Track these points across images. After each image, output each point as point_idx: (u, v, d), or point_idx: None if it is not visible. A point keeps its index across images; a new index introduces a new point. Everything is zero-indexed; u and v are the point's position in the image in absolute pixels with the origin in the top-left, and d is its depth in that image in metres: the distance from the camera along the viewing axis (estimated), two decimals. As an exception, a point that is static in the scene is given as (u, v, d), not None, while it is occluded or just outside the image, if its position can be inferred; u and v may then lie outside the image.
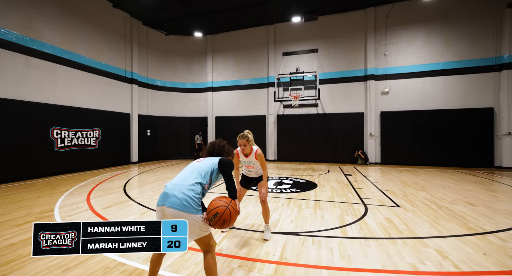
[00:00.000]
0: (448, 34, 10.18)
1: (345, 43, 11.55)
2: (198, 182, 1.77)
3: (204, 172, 1.85)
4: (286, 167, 10.24)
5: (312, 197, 5.09)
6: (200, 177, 1.80)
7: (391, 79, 10.91)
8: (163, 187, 5.66)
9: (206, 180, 1.83)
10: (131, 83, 11.30)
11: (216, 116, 13.59)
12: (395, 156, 10.74)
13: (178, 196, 1.66)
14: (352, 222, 3.56)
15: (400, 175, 7.96)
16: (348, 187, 6.14)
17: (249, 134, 3.00)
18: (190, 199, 1.67)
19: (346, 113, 11.50)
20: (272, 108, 12.57)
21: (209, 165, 1.92)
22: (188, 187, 1.71)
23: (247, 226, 3.45)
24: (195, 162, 1.98)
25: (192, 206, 1.66)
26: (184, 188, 1.70)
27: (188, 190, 1.70)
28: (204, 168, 1.88)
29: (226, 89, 13.53)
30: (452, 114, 10.04)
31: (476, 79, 9.88)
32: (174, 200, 1.65)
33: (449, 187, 6.01)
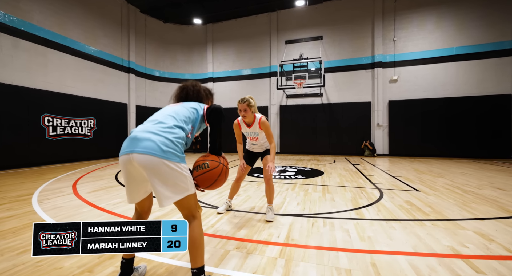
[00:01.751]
0: (461, 17, 9.60)
1: (351, 30, 11.02)
2: (180, 126, 1.33)
3: (185, 116, 1.40)
4: (290, 158, 9.78)
5: (319, 183, 4.62)
6: (181, 121, 1.35)
7: (400, 66, 10.36)
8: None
9: (188, 126, 1.39)
10: (128, 72, 10.90)
11: (217, 108, 13.13)
12: (404, 146, 10.21)
13: (152, 139, 1.21)
14: (368, 205, 3.09)
15: (411, 164, 7.45)
16: (358, 174, 5.66)
17: (251, 99, 2.50)
18: (171, 143, 1.23)
19: (352, 103, 10.98)
20: (274, 98, 12.09)
21: (190, 109, 1.45)
22: (166, 129, 1.26)
23: (247, 208, 3.00)
24: (170, 105, 1.51)
25: (174, 151, 1.23)
26: (160, 130, 1.25)
27: (167, 133, 1.25)
28: (185, 111, 1.42)
29: (227, 80, 13.08)
30: (466, 102, 9.47)
31: (492, 65, 9.29)
32: (148, 144, 1.19)
33: (469, 174, 5.50)
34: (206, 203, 3.24)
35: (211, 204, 3.18)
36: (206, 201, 3.34)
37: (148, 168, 1.18)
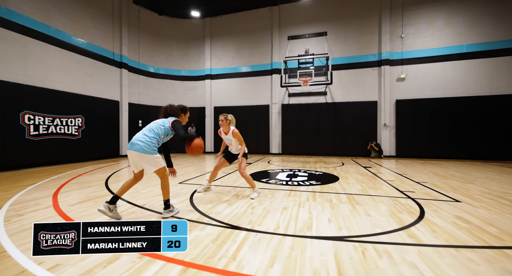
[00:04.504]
0: (472, 13, 9.25)
1: (357, 25, 10.55)
2: (153, 136, 2.58)
3: (156, 130, 2.62)
4: (294, 160, 9.23)
5: (340, 190, 4.07)
6: (154, 133, 2.60)
7: (408, 64, 9.95)
8: (154, 179, 4.88)
9: (158, 136, 2.61)
10: (120, 67, 10.12)
11: (215, 107, 12.50)
12: (412, 148, 9.81)
13: (140, 144, 2.50)
14: (414, 222, 2.55)
15: (426, 167, 7.01)
16: (376, 179, 5.15)
17: (229, 116, 3.59)
18: (147, 145, 2.51)
19: (357, 102, 10.52)
20: (276, 97, 11.52)
21: (159, 126, 2.66)
22: (146, 138, 2.54)
23: (268, 228, 2.41)
24: (152, 122, 2.72)
25: (149, 149, 2.50)
26: (143, 139, 2.53)
27: (147, 140, 2.53)
28: (156, 127, 2.65)
29: (225, 77, 12.43)
30: (476, 102, 9.13)
31: (504, 63, 8.97)
32: (137, 147, 2.49)
33: (496, 179, 5.07)
34: (213, 217, 2.63)
35: (226, 222, 2.57)
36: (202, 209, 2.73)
37: (139, 157, 2.51)
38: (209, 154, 12.16)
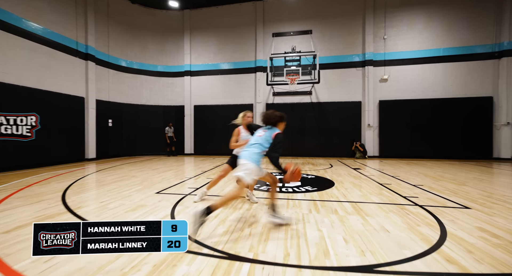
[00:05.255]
0: (449, 18, 9.61)
1: (341, 24, 10.47)
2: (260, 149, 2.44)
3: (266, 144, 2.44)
4: (281, 162, 8.82)
5: (341, 197, 3.69)
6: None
7: (390, 65, 10.08)
8: (126, 188, 4.27)
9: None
10: (86, 59, 8.93)
11: (195, 105, 11.69)
12: (395, 148, 9.95)
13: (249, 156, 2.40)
14: (441, 239, 2.20)
15: (413, 168, 7.01)
16: (372, 182, 4.89)
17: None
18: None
19: (342, 102, 10.44)
20: (260, 96, 11.06)
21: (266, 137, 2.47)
22: (254, 150, 2.44)
23: (276, 257, 1.89)
24: (257, 133, 2.59)
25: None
26: (251, 152, 2.42)
27: (254, 152, 2.42)
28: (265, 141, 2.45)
29: (206, 74, 11.68)
30: (452, 104, 9.49)
31: (476, 67, 9.43)
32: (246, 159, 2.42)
33: (485, 180, 5.09)
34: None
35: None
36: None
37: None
38: (188, 156, 11.33)
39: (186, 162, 8.74)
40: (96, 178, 5.55)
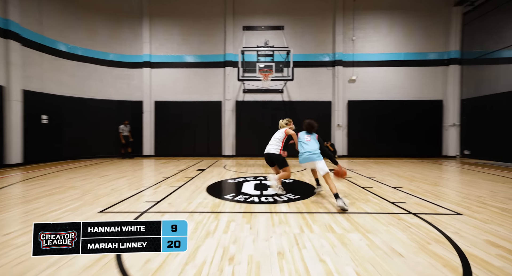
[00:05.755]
0: (409, 25, 10.20)
1: (313, 22, 10.35)
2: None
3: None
4: (252, 163, 8.30)
5: (331, 208, 3.27)
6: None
7: (358, 66, 10.32)
8: (56, 207, 3.23)
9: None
10: (6, 37, 7.06)
11: (156, 101, 10.40)
12: (362, 147, 10.23)
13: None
14: (467, 265, 1.85)
15: (383, 168, 7.14)
16: (353, 186, 4.65)
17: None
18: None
19: (313, 101, 10.36)
20: (230, 92, 10.33)
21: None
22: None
23: None
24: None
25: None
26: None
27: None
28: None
29: (169, 66, 10.48)
30: (411, 106, 10.13)
31: (429, 72, 10.21)
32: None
33: (450, 179, 5.28)
34: None
35: None
36: None
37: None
38: (148, 158, 10.03)
39: (144, 166, 7.58)
40: (15, 191, 4.22)
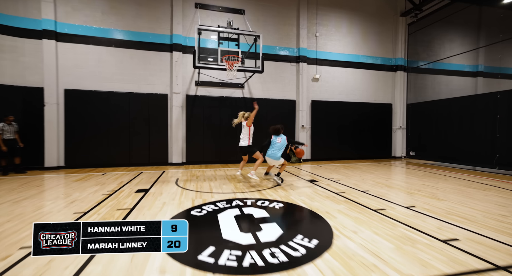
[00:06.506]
0: (365, 28, 10.34)
1: (276, 11, 9.28)
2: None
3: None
4: (211, 175, 6.59)
5: (347, 249, 2.07)
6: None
7: (321, 65, 9.85)
8: None
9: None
10: None
11: (68, 90, 7.37)
12: (325, 150, 9.83)
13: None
14: None
15: (355, 172, 6.63)
16: (365, 210, 3.66)
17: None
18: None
19: (277, 99, 9.34)
20: (179, 84, 8.25)
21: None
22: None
23: None
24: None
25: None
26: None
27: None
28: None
29: (90, 42, 7.59)
30: (366, 108, 10.33)
31: (381, 76, 10.64)
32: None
33: (424, 184, 4.98)
34: None
35: None
36: None
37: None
38: (53, 171, 6.98)
39: (43, 187, 4.88)
40: None
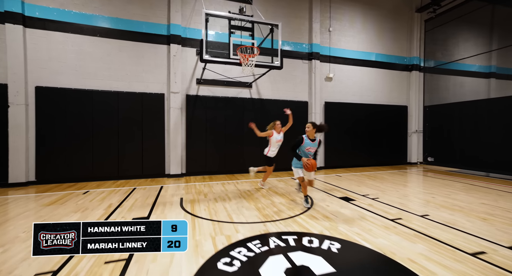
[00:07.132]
0: (380, 24, 9.59)
1: (287, 2, 8.31)
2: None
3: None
4: (221, 192, 5.46)
5: None
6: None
7: (335, 63, 8.97)
8: None
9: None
10: None
11: (39, 87, 5.99)
12: (339, 157, 8.92)
13: None
14: None
15: (384, 184, 5.73)
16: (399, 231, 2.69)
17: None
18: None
19: (288, 101, 8.33)
20: (178, 82, 7.05)
21: None
22: None
23: None
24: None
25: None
26: None
27: None
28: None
29: (69, 30, 6.26)
30: (381, 110, 9.55)
31: (396, 76, 9.92)
32: None
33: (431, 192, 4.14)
34: None
35: None
36: None
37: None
38: (20, 189, 5.57)
39: (1, 213, 3.57)
40: None
